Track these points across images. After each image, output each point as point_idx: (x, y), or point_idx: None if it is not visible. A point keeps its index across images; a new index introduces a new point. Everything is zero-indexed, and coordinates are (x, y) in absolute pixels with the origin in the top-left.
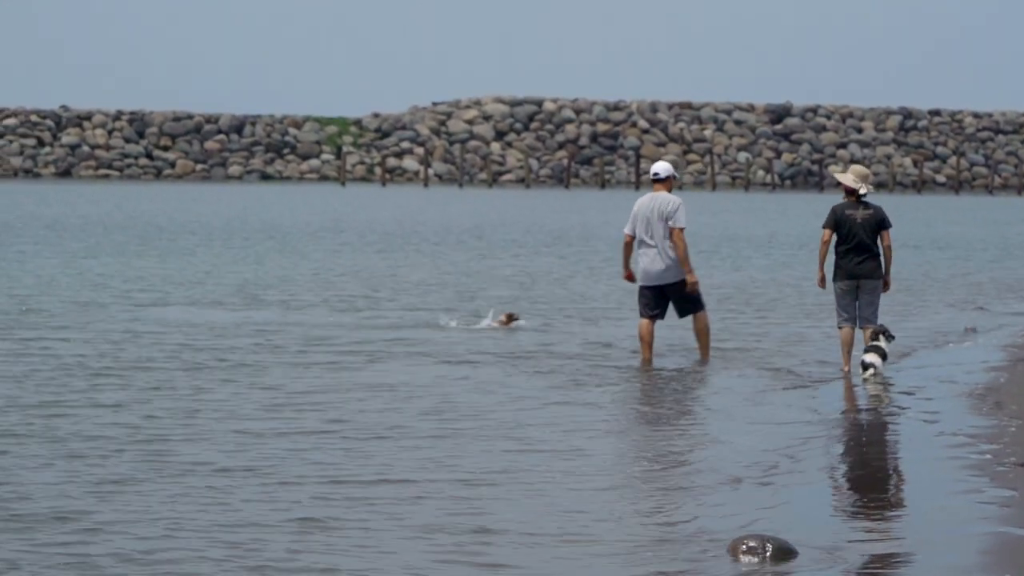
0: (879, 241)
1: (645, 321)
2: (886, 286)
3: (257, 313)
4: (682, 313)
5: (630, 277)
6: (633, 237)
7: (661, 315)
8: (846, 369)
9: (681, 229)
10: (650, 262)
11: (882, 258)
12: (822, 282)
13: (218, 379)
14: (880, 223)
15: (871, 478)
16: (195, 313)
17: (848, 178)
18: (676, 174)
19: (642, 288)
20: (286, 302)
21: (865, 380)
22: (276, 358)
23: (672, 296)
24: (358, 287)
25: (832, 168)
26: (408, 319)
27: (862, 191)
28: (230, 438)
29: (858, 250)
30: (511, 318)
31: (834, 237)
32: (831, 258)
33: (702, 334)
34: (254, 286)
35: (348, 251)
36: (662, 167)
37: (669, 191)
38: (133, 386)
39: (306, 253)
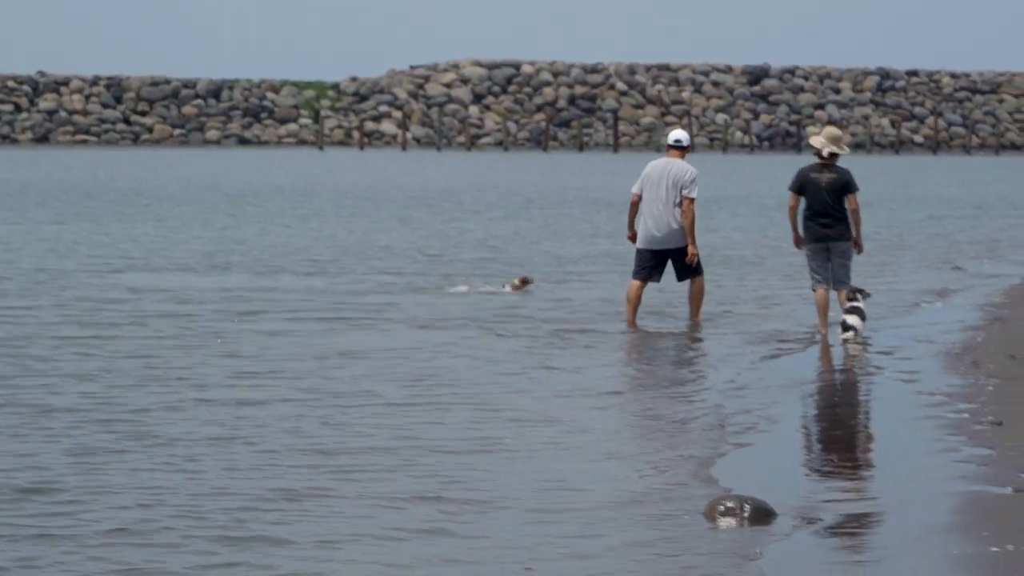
0: (846, 204)
1: (636, 283)
2: (858, 248)
3: (229, 278)
4: (680, 277)
5: (634, 238)
6: (639, 197)
7: (655, 279)
8: (824, 331)
9: (692, 200)
10: (654, 225)
11: (850, 221)
12: (798, 243)
13: (190, 346)
14: (845, 186)
15: (848, 438)
16: (167, 279)
17: (817, 140)
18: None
19: (641, 250)
20: (257, 267)
21: (845, 341)
22: (247, 325)
23: (674, 261)
24: (330, 252)
25: (809, 129)
26: (384, 284)
27: (825, 152)
28: (203, 408)
29: (824, 213)
30: (524, 282)
31: (803, 200)
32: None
33: (696, 296)
34: (226, 251)
35: (321, 215)
36: (684, 135)
37: (682, 159)
38: (99, 355)
39: (280, 217)
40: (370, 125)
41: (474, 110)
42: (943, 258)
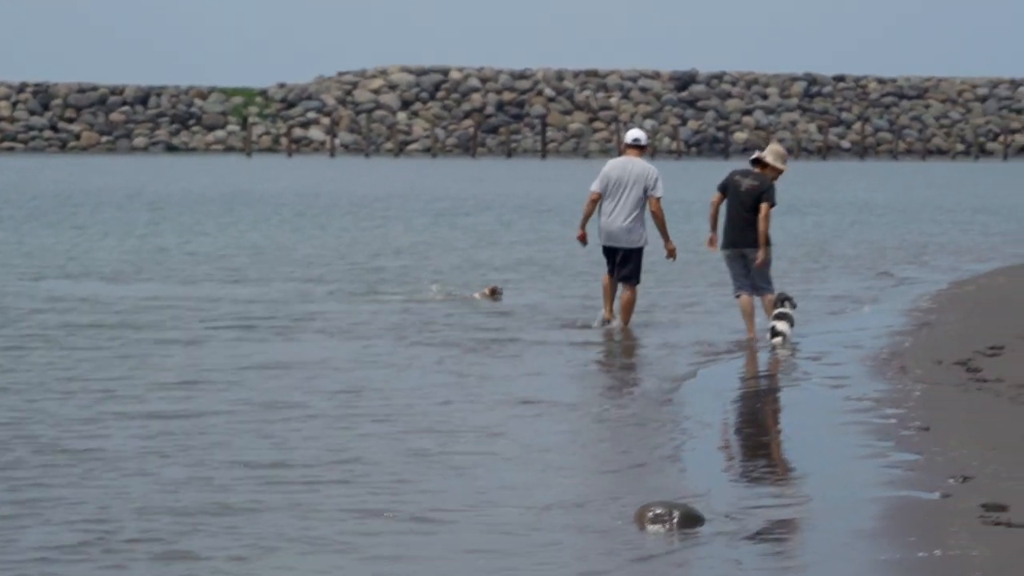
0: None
1: (608, 276)
2: (758, 258)
3: (148, 286)
4: (618, 278)
5: (583, 238)
6: (600, 196)
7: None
8: (751, 336)
9: (659, 199)
10: (612, 223)
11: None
12: (711, 243)
13: (110, 356)
14: (761, 195)
15: (777, 444)
16: (85, 287)
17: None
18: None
19: (606, 248)
20: (177, 275)
21: (774, 347)
22: (172, 334)
23: (624, 258)
24: (251, 259)
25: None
26: (306, 292)
27: (757, 154)
28: (124, 421)
29: (738, 218)
30: (494, 292)
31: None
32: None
33: (627, 306)
34: (146, 259)
35: (244, 223)
36: (642, 134)
37: (640, 157)
38: (15, 367)
39: (201, 225)
40: (298, 131)
41: (402, 116)
42: (870, 264)
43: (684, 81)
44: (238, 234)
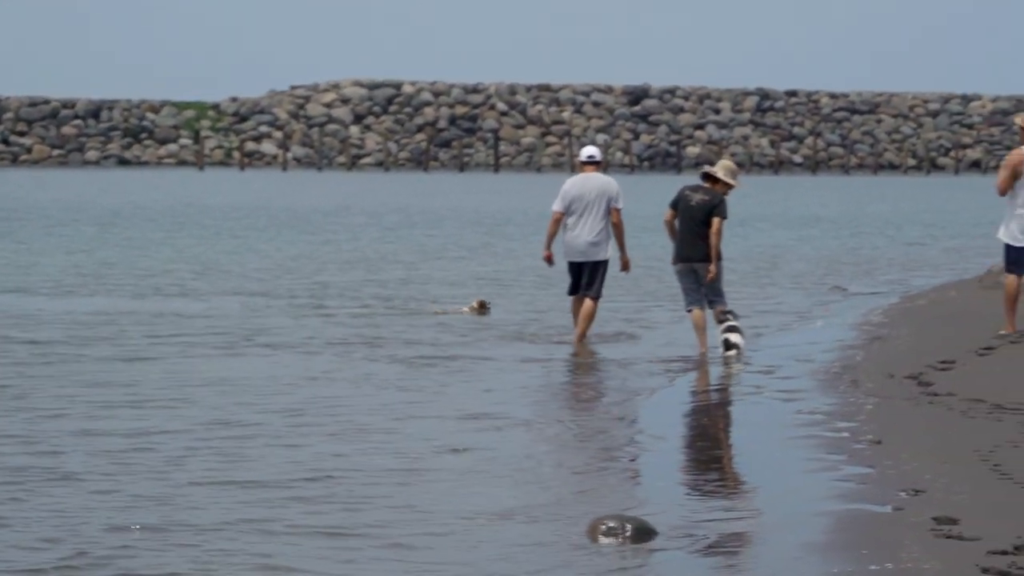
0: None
1: (575, 298)
2: (708, 272)
3: (96, 301)
4: (583, 291)
5: (550, 258)
6: (563, 215)
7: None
8: (703, 351)
9: (620, 211)
10: (577, 238)
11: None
12: (676, 260)
13: (46, 375)
14: (713, 209)
15: (729, 457)
16: (29, 303)
17: (713, 169)
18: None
19: (572, 264)
20: (124, 289)
21: (728, 360)
22: (118, 350)
23: (589, 272)
24: (197, 273)
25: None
26: (255, 306)
27: (710, 170)
28: (64, 440)
29: (689, 233)
30: (482, 305)
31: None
32: None
33: (586, 318)
34: (90, 273)
35: (191, 237)
36: (596, 150)
37: (596, 172)
38: None
39: (148, 239)
40: (251, 145)
41: (355, 130)
42: (822, 277)
43: (637, 95)
44: (185, 248)
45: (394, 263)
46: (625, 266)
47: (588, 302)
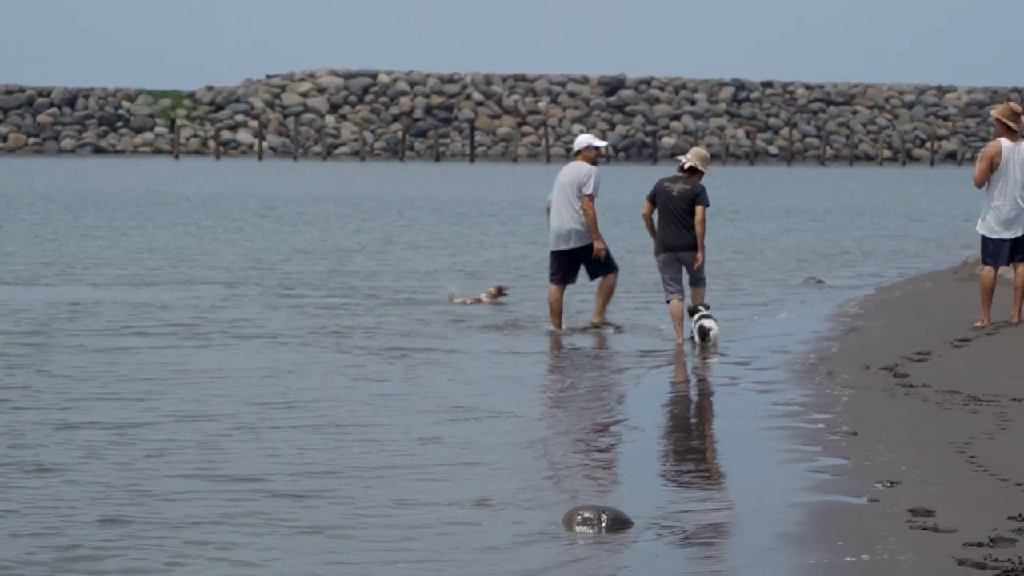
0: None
1: (553, 287)
2: (698, 261)
3: (65, 291)
4: (593, 275)
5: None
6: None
7: (571, 280)
8: (680, 341)
9: (590, 196)
10: (558, 226)
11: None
12: (660, 250)
13: (24, 364)
14: (695, 198)
15: (705, 448)
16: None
17: (684, 157)
18: (599, 146)
19: (552, 253)
20: (91, 279)
21: (705, 347)
22: (88, 340)
23: (583, 260)
24: (167, 262)
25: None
26: (229, 296)
27: (686, 164)
28: (44, 432)
29: (672, 223)
30: (499, 291)
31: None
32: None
33: (605, 292)
34: (66, 262)
35: (163, 225)
36: (587, 139)
37: (593, 163)
38: None
39: (119, 226)
40: (226, 134)
41: (330, 120)
42: (798, 268)
43: (612, 86)
44: (156, 236)
45: (369, 252)
46: (597, 252)
47: (608, 278)
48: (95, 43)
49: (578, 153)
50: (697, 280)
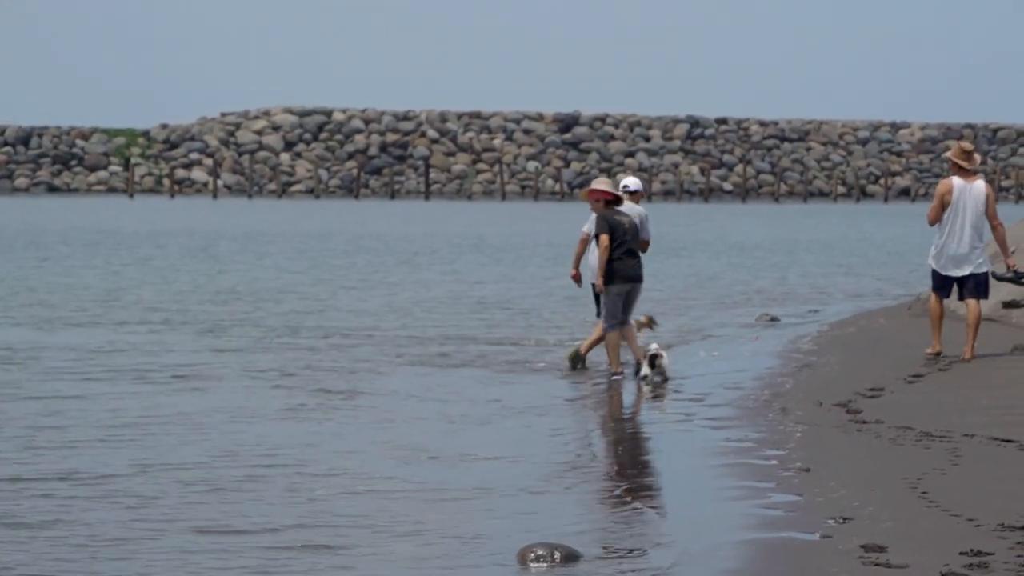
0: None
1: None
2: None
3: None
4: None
5: (577, 277)
6: (590, 237)
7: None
8: (617, 370)
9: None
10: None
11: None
12: (623, 280)
13: None
14: (640, 230)
15: (658, 485)
16: None
17: (603, 183)
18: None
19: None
20: (27, 321)
21: (656, 372)
22: (26, 386)
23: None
24: (81, 302)
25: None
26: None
27: (615, 191)
28: None
29: (630, 254)
30: (650, 321)
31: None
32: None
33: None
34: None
35: (108, 264)
36: (633, 181)
37: (637, 203)
38: None
39: (61, 266)
40: (181, 172)
41: (285, 157)
42: (752, 304)
43: (567, 123)
44: (101, 276)
45: (299, 292)
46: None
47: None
48: (49, 81)
49: (632, 194)
50: (629, 317)
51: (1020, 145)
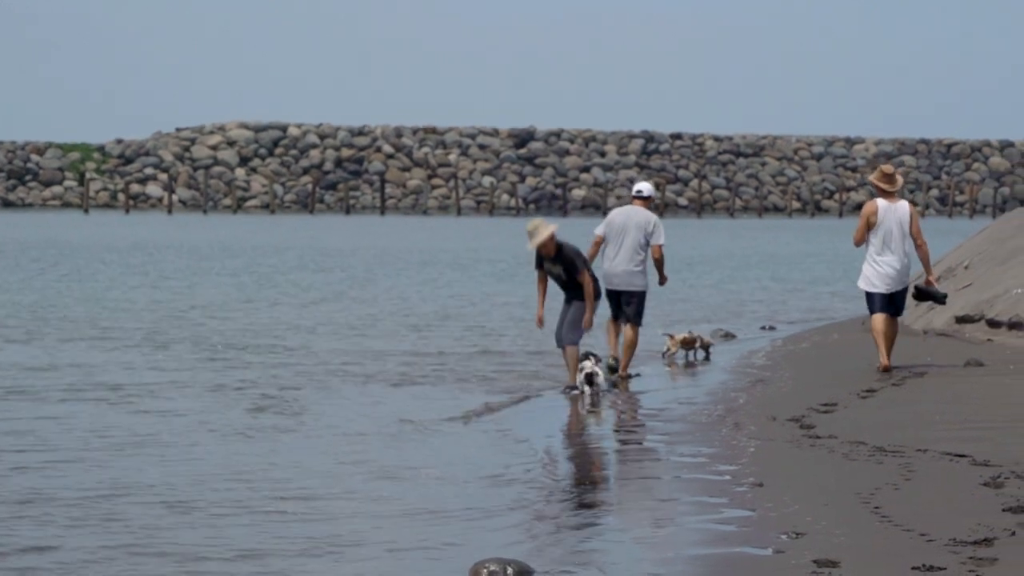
0: (579, 277)
1: (612, 319)
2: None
3: None
4: (621, 317)
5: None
6: (603, 240)
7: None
8: (574, 384)
9: (661, 246)
10: (614, 267)
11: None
12: (539, 321)
13: None
14: (572, 265)
15: (610, 500)
16: None
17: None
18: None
19: (608, 291)
20: None
21: (596, 389)
22: None
23: (622, 301)
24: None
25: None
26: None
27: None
28: None
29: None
30: (702, 341)
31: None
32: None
33: (629, 346)
34: None
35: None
36: (646, 186)
37: (646, 208)
38: None
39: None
40: (136, 188)
41: (240, 172)
42: (705, 319)
43: (522, 138)
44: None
45: (246, 308)
46: (663, 281)
47: (629, 331)
48: (2, 96)
49: (644, 199)
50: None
51: (974, 160)
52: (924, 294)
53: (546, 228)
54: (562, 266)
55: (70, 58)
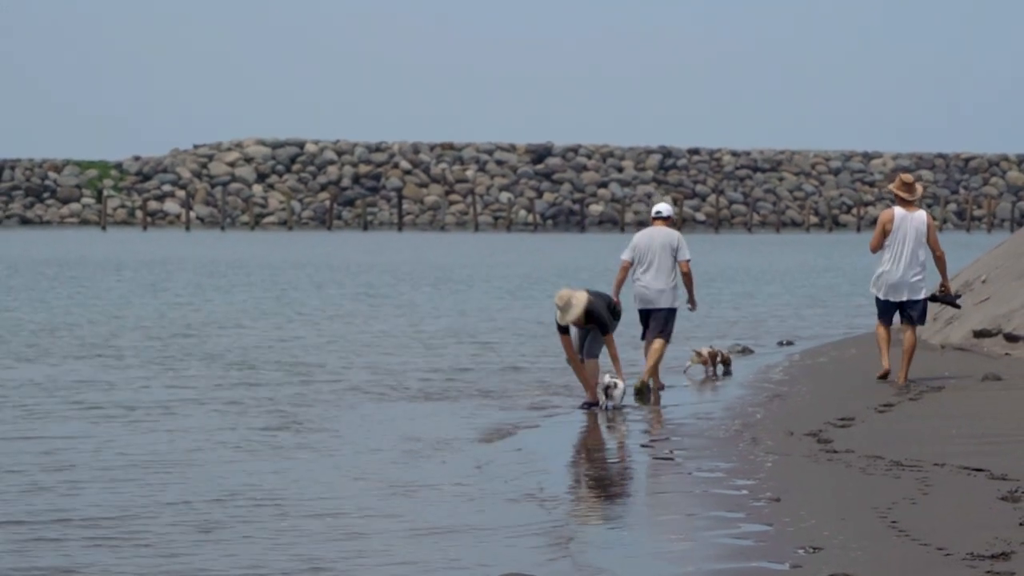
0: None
1: (646, 340)
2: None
3: None
4: (654, 335)
5: (617, 304)
6: (631, 264)
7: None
8: (594, 399)
9: (688, 261)
10: (647, 288)
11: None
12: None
13: None
14: (604, 327)
15: (627, 514)
16: None
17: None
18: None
19: (640, 311)
20: None
21: (614, 401)
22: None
23: (653, 318)
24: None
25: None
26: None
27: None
28: None
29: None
30: (722, 356)
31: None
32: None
33: (655, 353)
34: None
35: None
36: (666, 207)
37: (668, 227)
38: None
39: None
40: (153, 204)
41: (258, 189)
42: (723, 335)
43: (540, 154)
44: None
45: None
46: (693, 307)
47: (658, 340)
48: (21, 113)
49: (665, 219)
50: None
51: (992, 174)
52: (939, 300)
53: (579, 302)
54: (596, 325)
55: (87, 76)
